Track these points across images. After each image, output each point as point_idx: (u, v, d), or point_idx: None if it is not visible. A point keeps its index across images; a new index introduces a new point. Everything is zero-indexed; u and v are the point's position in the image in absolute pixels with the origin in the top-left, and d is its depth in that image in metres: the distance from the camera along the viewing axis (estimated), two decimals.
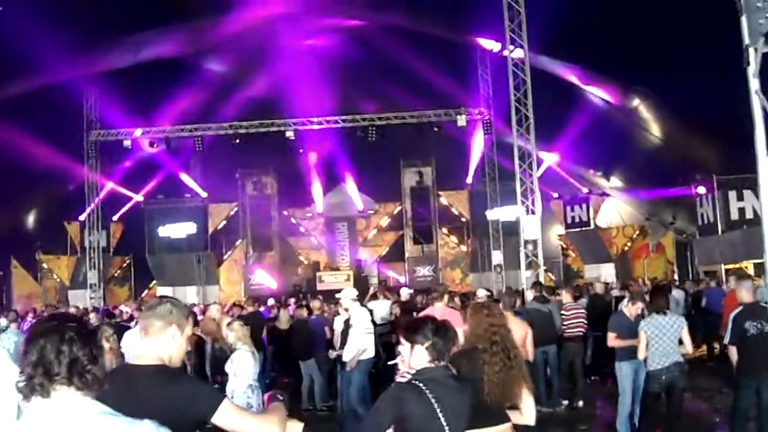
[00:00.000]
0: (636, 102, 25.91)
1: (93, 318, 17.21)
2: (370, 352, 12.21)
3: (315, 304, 16.96)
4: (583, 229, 33.15)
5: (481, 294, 13.50)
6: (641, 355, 9.38)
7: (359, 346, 11.94)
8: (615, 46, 22.08)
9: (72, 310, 21.04)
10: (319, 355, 14.71)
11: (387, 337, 14.49)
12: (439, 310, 10.32)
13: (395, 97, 31.23)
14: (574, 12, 20.06)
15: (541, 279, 21.30)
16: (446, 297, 11.56)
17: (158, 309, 3.93)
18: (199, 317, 15.35)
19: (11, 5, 20.01)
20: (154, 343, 3.85)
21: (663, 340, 9.19)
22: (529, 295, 15.75)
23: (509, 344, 5.65)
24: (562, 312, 14.12)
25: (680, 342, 9.33)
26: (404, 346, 4.80)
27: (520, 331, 9.12)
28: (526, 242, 22.49)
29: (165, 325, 3.87)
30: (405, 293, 17.51)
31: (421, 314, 10.47)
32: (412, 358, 4.71)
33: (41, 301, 32.68)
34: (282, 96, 30.81)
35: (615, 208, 33.54)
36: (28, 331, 2.96)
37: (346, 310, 12.53)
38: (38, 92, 26.51)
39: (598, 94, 27.51)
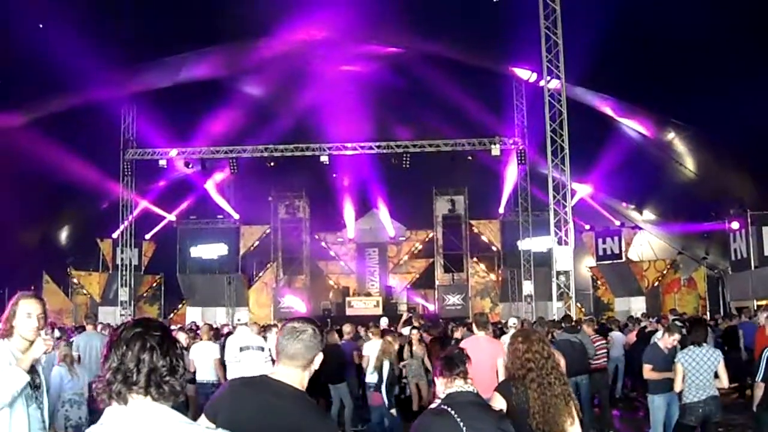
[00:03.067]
0: (671, 135, 25.74)
1: None
2: None
3: (346, 328, 16.96)
4: (615, 261, 32.94)
5: (512, 322, 13.45)
6: (677, 387, 9.26)
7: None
8: (650, 78, 22.03)
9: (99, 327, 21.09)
10: (349, 379, 14.74)
11: None
12: (481, 339, 10.27)
13: (430, 125, 31.27)
14: (611, 43, 20.01)
15: (572, 310, 21.20)
16: (490, 327, 11.47)
17: (306, 335, 3.81)
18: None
19: (52, 24, 20.27)
20: (296, 368, 3.77)
21: (699, 373, 9.08)
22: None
23: (547, 371, 5.62)
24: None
25: (716, 375, 9.22)
26: (438, 379, 4.85)
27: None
28: (558, 273, 22.39)
29: (310, 352, 3.80)
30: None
31: (463, 343, 10.47)
32: (438, 387, 4.78)
33: (71, 316, 32.87)
34: (317, 120, 30.96)
35: (647, 241, 33.28)
36: (111, 335, 2.91)
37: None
38: (77, 110, 26.82)
39: (632, 126, 27.36)
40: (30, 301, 5.13)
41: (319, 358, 3.81)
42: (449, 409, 4.45)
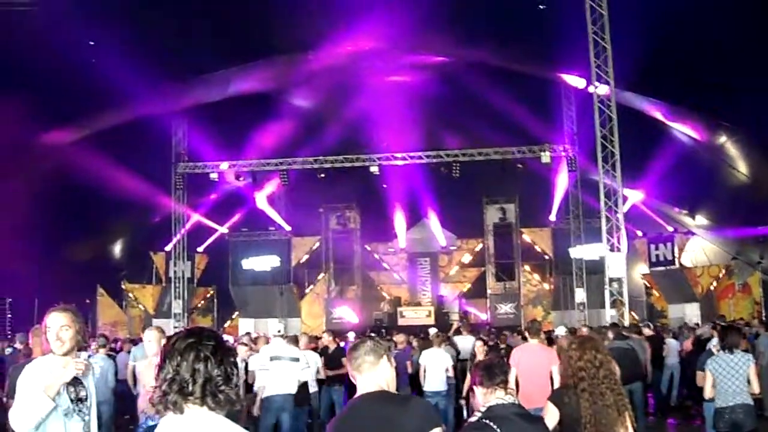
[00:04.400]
0: (723, 139, 25.39)
1: None
2: None
3: (398, 338, 16.95)
4: (668, 268, 32.49)
5: (561, 332, 13.34)
6: (707, 394, 9.07)
7: None
8: (700, 81, 21.76)
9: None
10: (402, 389, 14.69)
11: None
12: (533, 347, 10.23)
13: (479, 133, 31.13)
14: (659, 47, 19.83)
15: (626, 317, 20.99)
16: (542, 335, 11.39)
17: (364, 348, 4.31)
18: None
19: (103, 41, 20.55)
20: (373, 376, 4.23)
21: (729, 379, 8.84)
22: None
23: (599, 380, 5.49)
24: None
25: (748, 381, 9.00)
26: (478, 388, 4.81)
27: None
28: (611, 280, 22.23)
29: (377, 357, 4.24)
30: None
31: (515, 351, 10.43)
32: (477, 397, 4.75)
33: (126, 329, 33.24)
34: (367, 131, 31.10)
35: (700, 246, 32.74)
36: (164, 346, 2.96)
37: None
38: (128, 125, 27.19)
39: (683, 130, 27.05)
40: (52, 315, 5.13)
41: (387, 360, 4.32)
42: (491, 423, 4.41)
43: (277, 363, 12.29)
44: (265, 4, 21.69)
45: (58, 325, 5.06)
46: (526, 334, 10.91)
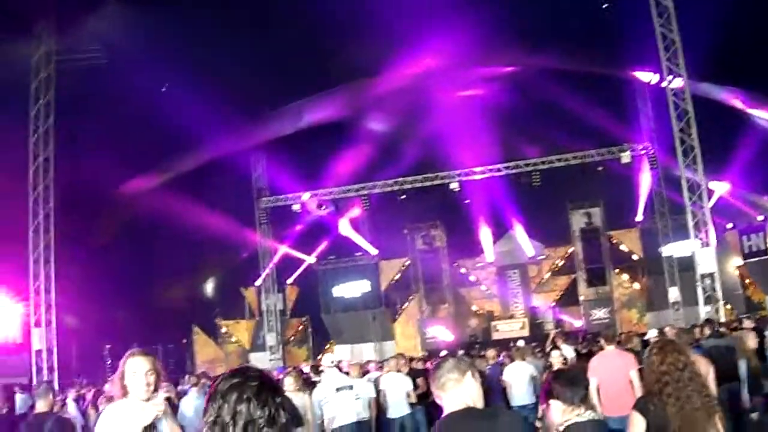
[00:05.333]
0: None
1: None
2: None
3: (489, 353, 16.84)
4: (763, 258, 31.60)
5: (652, 334, 13.09)
6: None
7: None
8: None
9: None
10: (496, 404, 14.55)
11: None
12: (610, 354, 10.07)
13: (556, 140, 30.83)
14: (730, 34, 19.46)
15: (721, 313, 20.54)
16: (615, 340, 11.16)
17: (446, 366, 4.24)
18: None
19: (174, 85, 20.97)
20: (458, 393, 4.13)
21: None
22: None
23: (684, 383, 5.25)
24: None
25: None
26: (555, 402, 4.71)
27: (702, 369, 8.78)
28: (703, 276, 21.78)
29: (461, 374, 4.15)
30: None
31: (592, 360, 10.26)
32: (554, 414, 4.63)
33: (224, 365, 33.64)
34: (443, 148, 31.05)
35: None
36: (210, 387, 2.90)
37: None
38: (208, 165, 27.77)
39: (764, 116, 26.43)
40: (136, 359, 5.09)
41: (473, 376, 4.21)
42: None
43: (341, 393, 12.26)
44: (330, 33, 21.89)
45: (144, 369, 5.05)
46: (602, 341, 10.69)
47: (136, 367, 5.06)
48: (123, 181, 25.60)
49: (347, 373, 13.45)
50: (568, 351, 16.42)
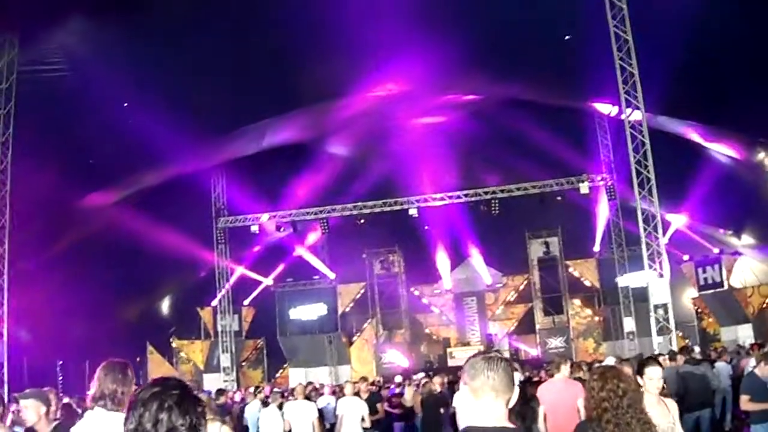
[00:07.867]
0: (761, 155, 25.14)
1: None
2: None
3: (436, 380, 16.89)
4: (717, 290, 31.96)
5: (610, 362, 13.19)
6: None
7: None
8: (733, 99, 21.59)
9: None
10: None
11: None
12: (558, 382, 10.17)
13: (516, 168, 31.04)
14: (688, 68, 19.75)
15: (674, 343, 20.74)
16: (564, 368, 11.16)
17: (499, 368, 3.30)
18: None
19: (137, 101, 20.89)
20: (497, 406, 3.32)
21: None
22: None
23: (623, 410, 5.28)
24: None
25: None
26: None
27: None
28: (656, 307, 22.00)
29: (510, 384, 3.35)
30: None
31: (540, 387, 10.36)
32: None
33: None
34: (403, 174, 31.21)
35: (748, 266, 32.10)
36: (131, 396, 2.92)
37: None
38: (168, 183, 27.61)
39: (721, 150, 26.83)
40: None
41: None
42: None
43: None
44: (294, 55, 21.93)
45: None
46: (552, 369, 10.82)
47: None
48: (81, 195, 25.35)
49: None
50: (517, 377, 16.52)
